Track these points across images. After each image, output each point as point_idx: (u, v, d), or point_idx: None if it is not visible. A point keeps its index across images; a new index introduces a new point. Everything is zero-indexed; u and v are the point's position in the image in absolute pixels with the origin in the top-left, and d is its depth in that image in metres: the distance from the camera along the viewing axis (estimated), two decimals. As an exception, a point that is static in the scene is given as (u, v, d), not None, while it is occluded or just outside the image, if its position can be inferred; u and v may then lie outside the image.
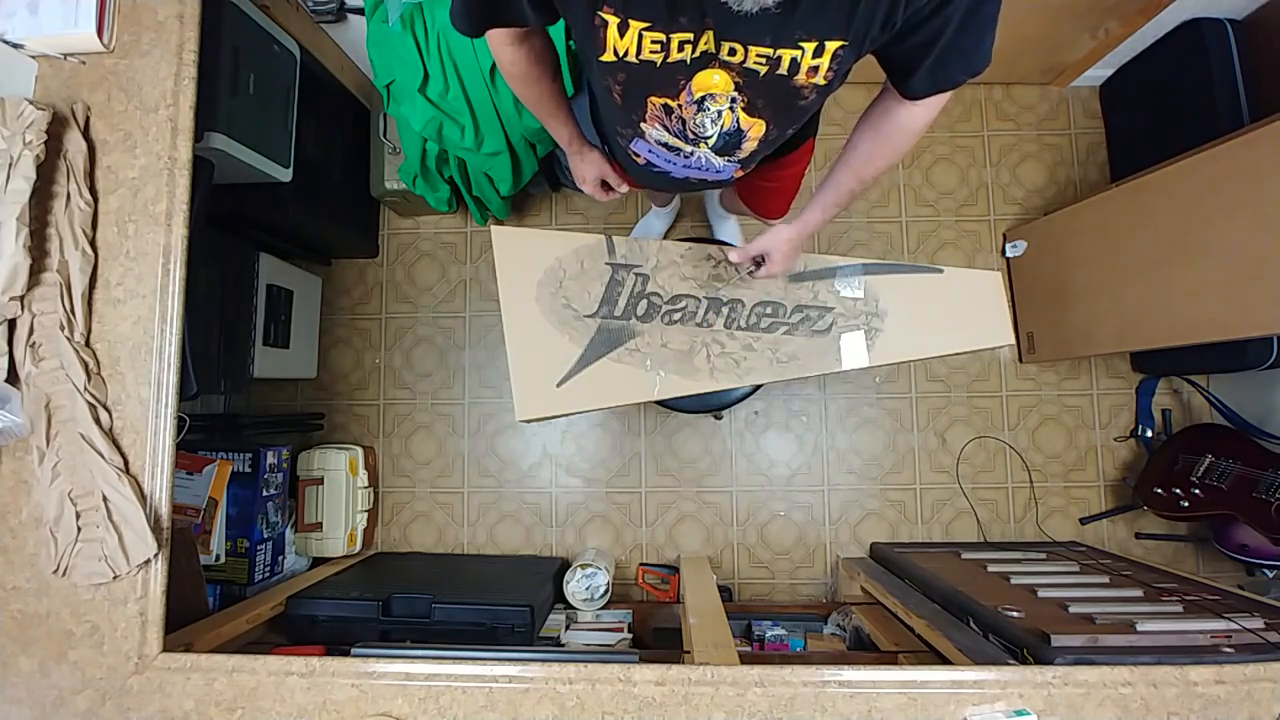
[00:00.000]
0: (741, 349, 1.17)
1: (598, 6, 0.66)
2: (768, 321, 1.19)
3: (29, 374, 0.97)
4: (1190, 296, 1.41)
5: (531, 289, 1.13)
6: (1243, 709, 0.88)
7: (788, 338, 1.19)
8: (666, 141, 0.88)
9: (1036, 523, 1.94)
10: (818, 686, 0.90)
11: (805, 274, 1.22)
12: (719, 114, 0.80)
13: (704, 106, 0.79)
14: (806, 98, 0.77)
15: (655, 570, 1.94)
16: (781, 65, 0.70)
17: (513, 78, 0.92)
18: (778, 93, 0.76)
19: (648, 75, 0.73)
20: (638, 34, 0.67)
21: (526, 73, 0.90)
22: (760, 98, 0.77)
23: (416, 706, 0.93)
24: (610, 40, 0.69)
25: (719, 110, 0.80)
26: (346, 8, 1.68)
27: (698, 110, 0.79)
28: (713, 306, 1.18)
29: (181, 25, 1.06)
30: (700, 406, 1.47)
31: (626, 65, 0.72)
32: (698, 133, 0.84)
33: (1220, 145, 1.34)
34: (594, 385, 1.11)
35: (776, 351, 1.18)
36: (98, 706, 0.95)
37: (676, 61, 0.71)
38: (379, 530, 2.04)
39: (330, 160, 1.80)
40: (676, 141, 0.88)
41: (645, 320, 1.15)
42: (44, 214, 1.00)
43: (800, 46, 0.68)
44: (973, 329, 1.22)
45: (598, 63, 0.73)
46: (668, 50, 0.69)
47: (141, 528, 0.95)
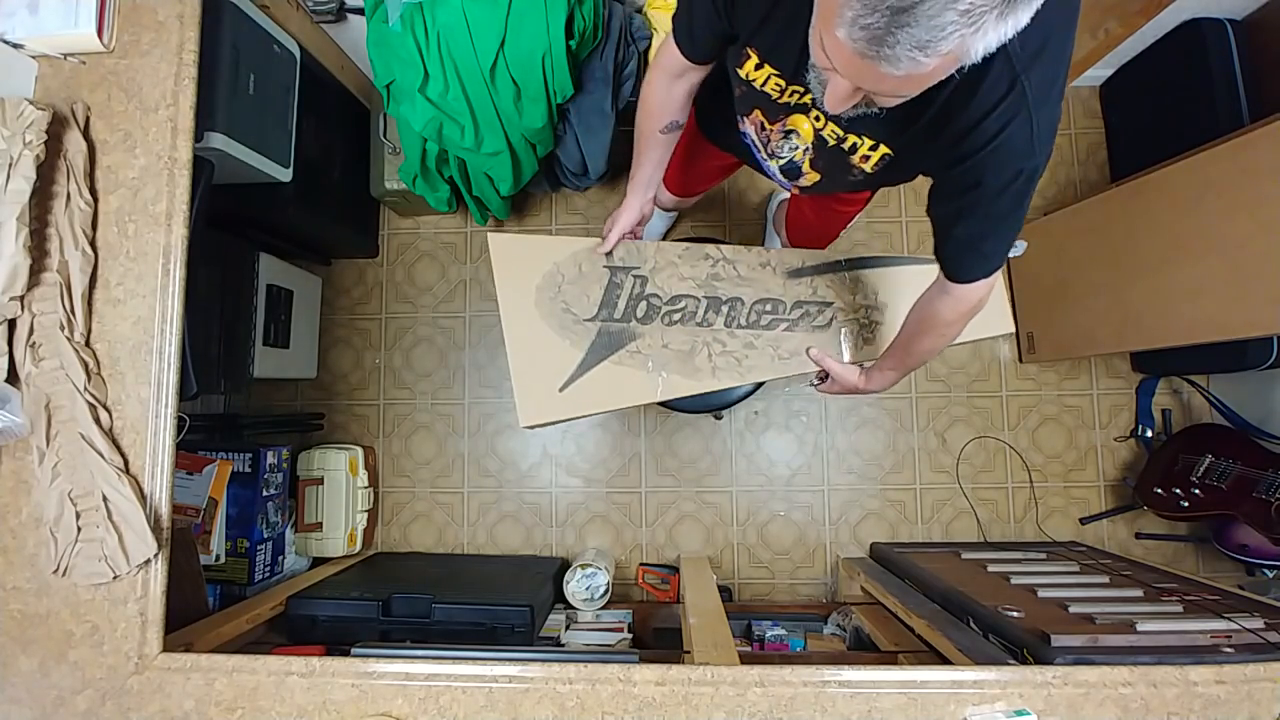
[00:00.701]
0: (743, 347, 1.17)
1: (749, 43, 0.86)
2: (768, 319, 1.19)
3: (29, 374, 0.97)
4: (1190, 296, 1.41)
5: (530, 295, 1.12)
6: (1243, 709, 0.88)
7: (788, 334, 1.19)
8: (753, 141, 1.06)
9: (1036, 523, 1.94)
10: (818, 686, 0.90)
11: (804, 269, 1.22)
12: (795, 148, 0.98)
13: (788, 136, 0.96)
14: (856, 176, 0.94)
15: (655, 570, 1.94)
16: (845, 143, 0.89)
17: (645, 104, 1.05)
18: (837, 162, 0.94)
19: (762, 100, 0.93)
20: (767, 74, 0.87)
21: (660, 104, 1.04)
22: (822, 159, 0.96)
23: (416, 706, 0.93)
24: (747, 67, 0.89)
25: (797, 146, 0.97)
26: (346, 8, 1.68)
27: (783, 137, 0.97)
28: (712, 305, 1.18)
29: (181, 25, 1.06)
30: (700, 407, 1.47)
31: (750, 86, 0.91)
32: (775, 151, 1.02)
33: (1220, 145, 1.34)
34: (596, 389, 1.11)
35: (778, 349, 1.18)
36: (98, 706, 0.95)
37: (785, 102, 0.90)
38: (379, 530, 2.04)
39: (330, 160, 1.80)
40: (759, 147, 1.05)
41: (645, 322, 1.15)
42: (44, 214, 1.00)
43: (861, 138, 0.87)
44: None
45: (734, 71, 0.93)
46: (783, 93, 0.88)
47: (141, 528, 0.95)
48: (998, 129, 0.72)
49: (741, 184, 2.08)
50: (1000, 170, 0.75)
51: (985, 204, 0.79)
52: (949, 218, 0.85)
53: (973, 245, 0.86)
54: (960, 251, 0.87)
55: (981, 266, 0.88)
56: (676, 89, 1.02)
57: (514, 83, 1.46)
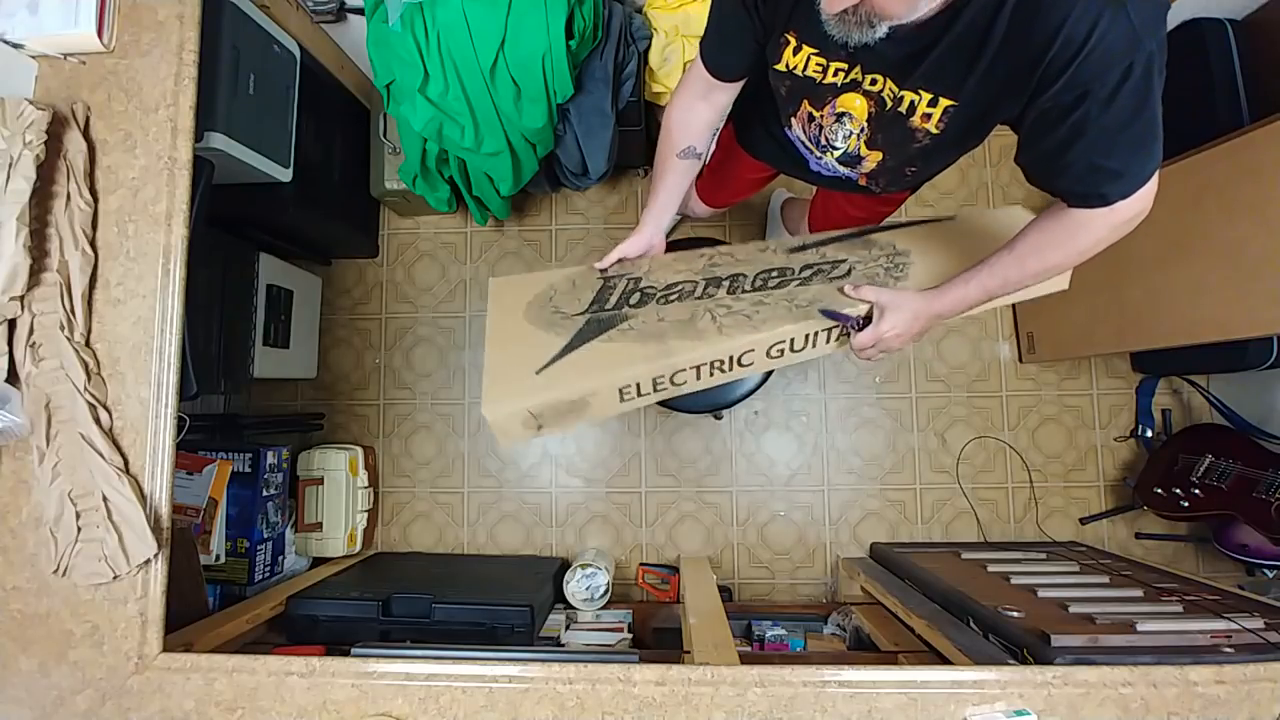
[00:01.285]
0: (751, 305, 1.00)
1: (785, 30, 0.84)
2: (776, 281, 1.04)
3: (29, 374, 0.97)
4: (1190, 296, 1.41)
5: (520, 309, 1.06)
6: (1243, 709, 0.88)
7: (803, 288, 1.02)
8: (803, 140, 1.02)
9: (1036, 523, 1.94)
10: (818, 686, 0.90)
11: (807, 244, 1.12)
12: (849, 134, 0.93)
13: (840, 120, 0.92)
14: (920, 141, 0.87)
15: (655, 570, 1.94)
16: (903, 104, 0.83)
17: (665, 125, 1.02)
18: (897, 129, 0.87)
19: (807, 87, 0.89)
20: (807, 56, 0.84)
21: (680, 125, 1.01)
22: (881, 133, 0.90)
23: (416, 706, 0.93)
24: (785, 55, 0.86)
25: (849, 131, 0.93)
26: (346, 8, 1.68)
27: (835, 121, 0.92)
28: (712, 283, 1.05)
29: (181, 25, 1.06)
30: (700, 406, 1.47)
31: (793, 76, 0.88)
32: (829, 140, 0.97)
33: (1220, 145, 1.34)
34: (582, 366, 0.95)
35: (793, 300, 0.99)
36: (98, 706, 0.95)
37: (830, 83, 0.86)
38: (379, 530, 2.04)
39: (330, 160, 1.80)
40: (809, 144, 1.02)
41: (639, 306, 1.03)
42: (44, 214, 1.00)
43: (919, 93, 0.80)
44: None
45: (772, 70, 0.90)
46: (826, 73, 0.85)
47: (141, 528, 0.95)
48: (1085, 33, 0.62)
49: (741, 184, 2.08)
50: (1105, 75, 0.64)
51: (1096, 118, 0.67)
52: (1055, 151, 0.73)
53: (1096, 168, 0.72)
54: (1084, 178, 0.73)
55: (1118, 186, 0.73)
56: (699, 111, 1.00)
57: (514, 83, 1.46)
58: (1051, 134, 0.73)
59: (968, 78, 0.75)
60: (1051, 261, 0.83)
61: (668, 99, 1.73)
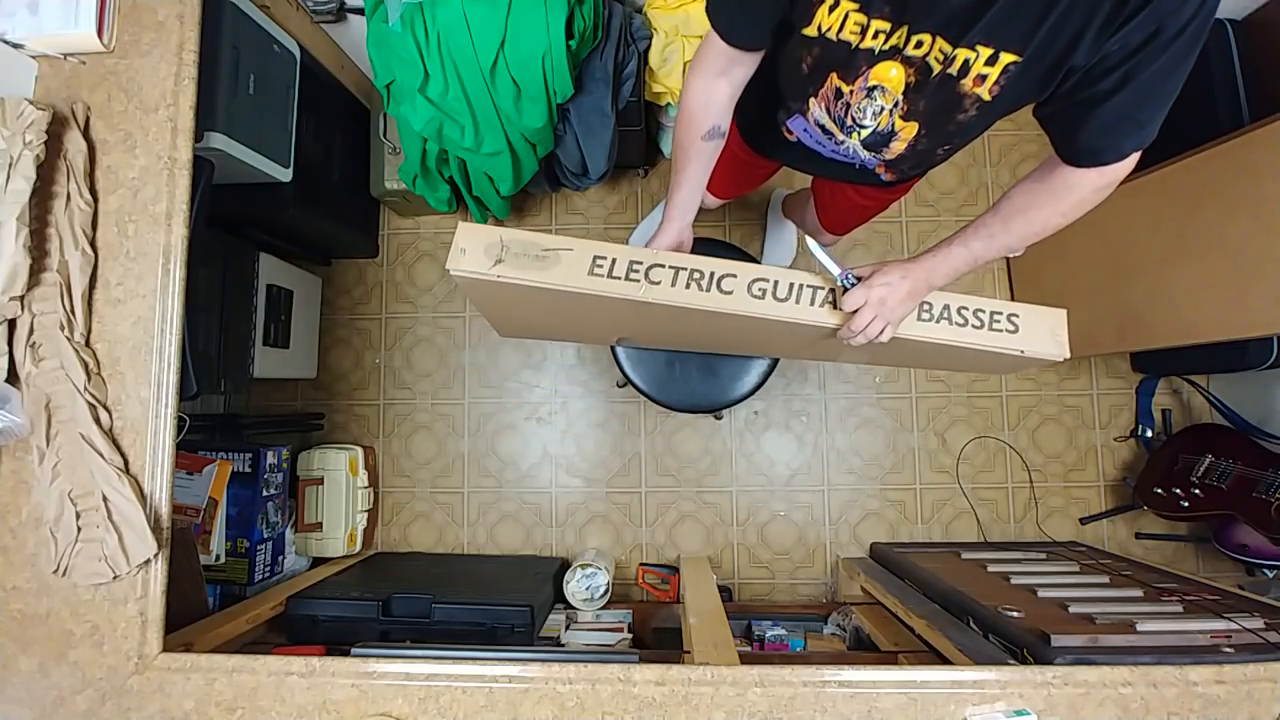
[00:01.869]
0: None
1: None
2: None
3: (29, 374, 0.97)
4: (1190, 296, 1.41)
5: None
6: (1243, 709, 0.88)
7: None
8: (824, 124, 0.91)
9: (1036, 523, 1.94)
10: (818, 686, 0.90)
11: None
12: (881, 110, 0.83)
13: (872, 95, 0.82)
14: (966, 110, 0.78)
15: (655, 570, 1.94)
16: (954, 64, 0.73)
17: (684, 108, 0.93)
18: (943, 97, 0.78)
19: (839, 54, 0.78)
20: (845, 13, 0.74)
21: (701, 106, 0.92)
22: (923, 100, 0.80)
23: (416, 706, 0.93)
24: (819, 16, 0.75)
25: (882, 106, 0.83)
26: (346, 8, 1.68)
27: (865, 97, 0.82)
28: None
29: (181, 25, 1.06)
30: (700, 406, 1.47)
31: (825, 41, 0.77)
32: (856, 120, 0.87)
33: (1220, 145, 1.34)
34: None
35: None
36: (98, 706, 0.95)
37: (868, 48, 0.76)
38: (379, 530, 2.04)
39: (330, 160, 1.80)
40: (832, 126, 0.90)
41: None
42: (44, 214, 1.00)
43: (976, 50, 0.71)
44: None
45: (800, 36, 0.79)
46: (864, 35, 0.75)
47: (141, 528, 0.95)
48: None
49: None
50: (1179, 11, 0.63)
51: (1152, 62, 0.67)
52: (1095, 99, 0.71)
53: (1126, 118, 0.71)
54: (1110, 129, 0.73)
55: (1134, 140, 0.74)
56: (719, 89, 0.91)
57: (514, 83, 1.46)
58: (1101, 81, 0.69)
59: (1040, 25, 0.67)
60: (1035, 223, 0.85)
61: (668, 99, 1.75)
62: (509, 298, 1.01)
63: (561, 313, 1.10)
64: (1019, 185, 0.86)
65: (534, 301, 1.01)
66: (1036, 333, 0.98)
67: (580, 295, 0.92)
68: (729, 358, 1.45)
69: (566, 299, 0.95)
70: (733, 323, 0.99)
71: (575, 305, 1.01)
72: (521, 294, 0.96)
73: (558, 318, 1.15)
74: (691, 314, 0.95)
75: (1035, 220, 0.85)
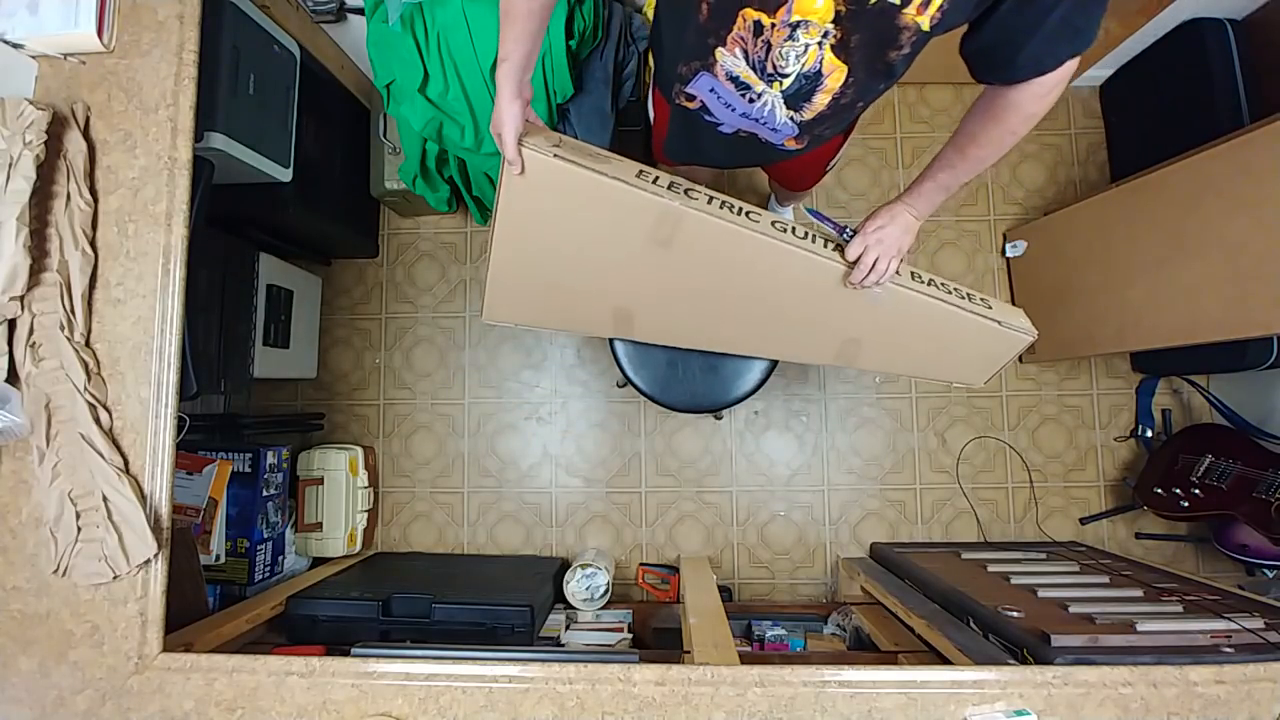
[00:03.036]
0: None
1: None
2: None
3: (29, 374, 0.97)
4: (1190, 296, 1.41)
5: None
6: (1243, 709, 0.88)
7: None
8: (738, 75, 0.83)
9: (1036, 523, 1.94)
10: (818, 686, 0.90)
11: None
12: (805, 49, 0.76)
13: (794, 35, 0.75)
14: (901, 46, 0.74)
15: (655, 570, 1.94)
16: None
17: None
18: (878, 29, 0.72)
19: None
20: None
21: None
22: (857, 32, 0.74)
23: (416, 706, 0.93)
24: None
25: (807, 44, 0.76)
26: (346, 8, 1.68)
27: (788, 37, 0.75)
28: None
29: (181, 25, 1.06)
30: (701, 406, 1.47)
31: None
32: (778, 67, 0.79)
33: (1220, 145, 1.34)
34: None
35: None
36: (98, 706, 0.95)
37: None
38: (379, 530, 2.04)
39: (330, 160, 1.80)
40: (749, 76, 0.82)
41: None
42: (44, 214, 1.00)
43: None
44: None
45: None
46: None
47: (141, 528, 0.95)
48: None
49: (740, 185, 2.08)
50: None
51: None
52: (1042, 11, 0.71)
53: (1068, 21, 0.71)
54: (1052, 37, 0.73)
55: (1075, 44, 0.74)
56: None
57: (514, 83, 1.46)
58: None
59: None
60: (988, 146, 0.89)
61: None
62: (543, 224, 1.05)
63: (582, 264, 1.11)
64: (968, 116, 0.90)
65: (566, 232, 1.05)
66: (1006, 314, 1.10)
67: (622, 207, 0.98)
68: (730, 357, 1.45)
69: (599, 233, 1.03)
70: (747, 281, 1.07)
71: (602, 245, 1.06)
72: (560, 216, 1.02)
73: (574, 273, 1.14)
74: (712, 266, 1.04)
75: (988, 144, 0.89)
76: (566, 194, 0.98)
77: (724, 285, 1.10)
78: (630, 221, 1.00)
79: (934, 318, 1.09)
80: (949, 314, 1.07)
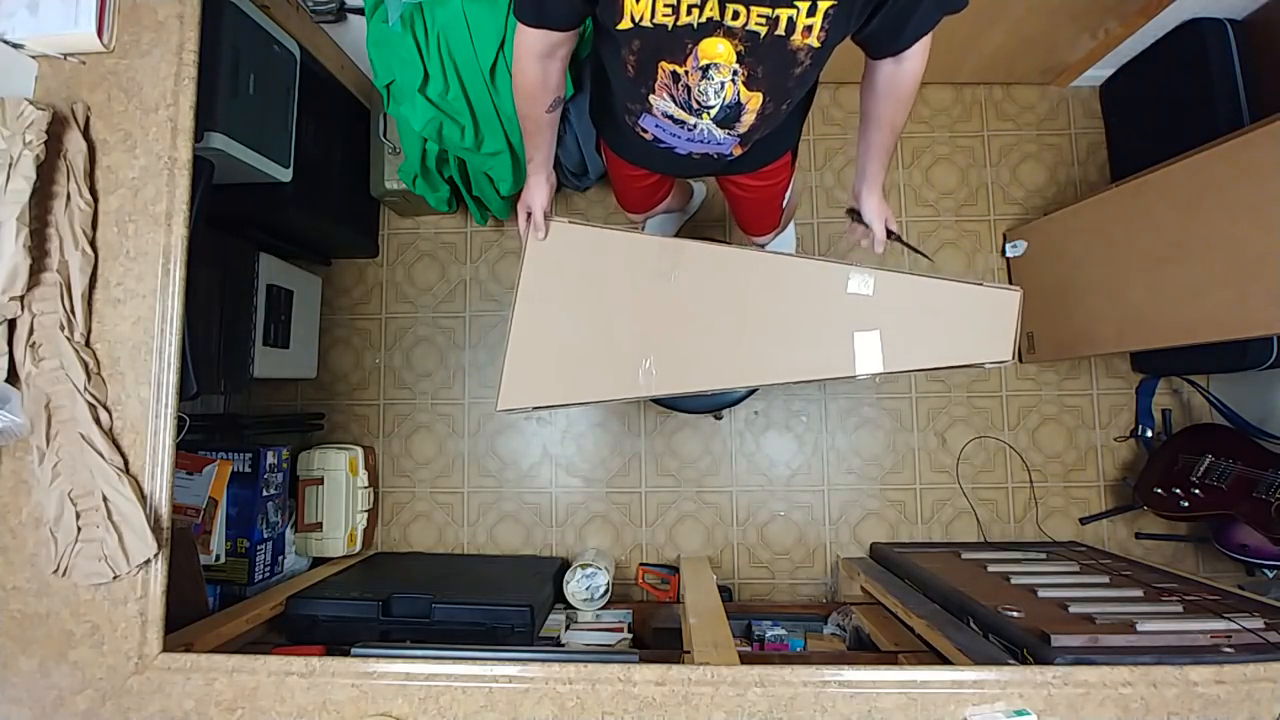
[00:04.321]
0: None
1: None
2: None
3: (29, 374, 0.97)
4: (1190, 296, 1.41)
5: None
6: (1243, 709, 0.88)
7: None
8: (672, 114, 0.95)
9: (1036, 523, 1.94)
10: (818, 686, 0.90)
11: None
12: (722, 85, 0.87)
13: (708, 75, 0.85)
14: (802, 63, 0.84)
15: (655, 570, 1.94)
16: (779, 25, 0.77)
17: (524, 91, 1.00)
18: (776, 57, 0.82)
19: (659, 39, 0.81)
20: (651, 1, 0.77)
21: (540, 87, 0.99)
22: (760, 65, 0.84)
23: (416, 706, 0.93)
24: (628, 6, 0.78)
25: (722, 81, 0.86)
26: (346, 8, 1.68)
27: (702, 78, 0.86)
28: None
29: (181, 25, 1.06)
30: (701, 407, 1.47)
31: (641, 31, 0.80)
32: (701, 102, 0.90)
33: (1220, 145, 1.34)
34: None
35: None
36: (98, 706, 0.95)
37: (685, 25, 0.78)
38: (379, 530, 2.04)
39: (330, 160, 1.80)
40: (681, 113, 0.94)
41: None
42: (44, 214, 1.00)
43: (795, 6, 0.75)
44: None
45: (616, 33, 0.82)
46: (678, 13, 0.77)
47: (141, 528, 0.95)
48: None
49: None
50: None
51: None
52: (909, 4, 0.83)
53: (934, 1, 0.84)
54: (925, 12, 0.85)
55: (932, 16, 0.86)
56: (551, 68, 0.97)
57: (514, 83, 1.46)
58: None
59: None
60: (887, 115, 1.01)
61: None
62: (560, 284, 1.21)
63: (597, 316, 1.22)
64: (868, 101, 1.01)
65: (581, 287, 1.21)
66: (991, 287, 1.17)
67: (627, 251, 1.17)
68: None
69: (611, 278, 1.18)
70: (748, 297, 1.15)
71: (614, 290, 1.20)
72: (575, 273, 1.20)
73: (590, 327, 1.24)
74: (715, 289, 1.15)
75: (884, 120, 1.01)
76: (579, 250, 1.19)
77: (729, 306, 1.16)
78: (637, 261, 1.17)
79: (922, 292, 1.17)
80: (933, 285, 1.15)
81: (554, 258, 1.20)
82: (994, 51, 1.88)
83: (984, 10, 1.69)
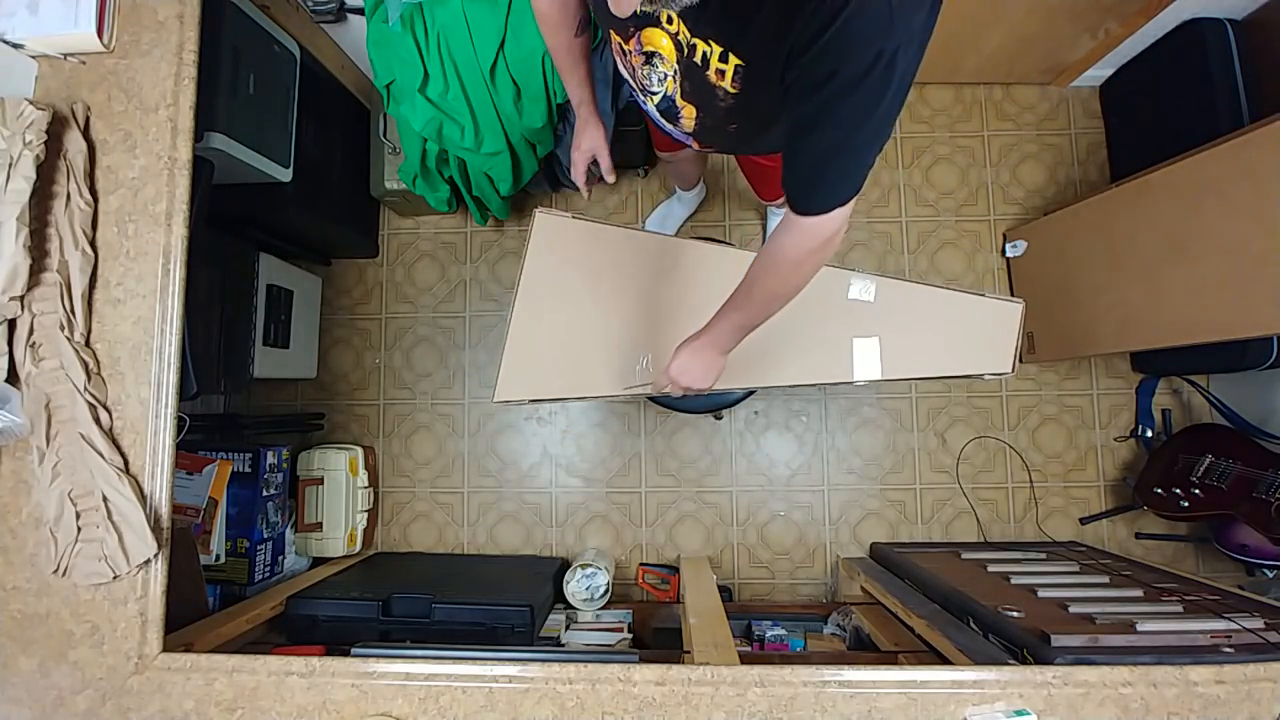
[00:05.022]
0: None
1: None
2: None
3: (29, 374, 0.97)
4: (1190, 296, 1.41)
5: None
6: (1243, 709, 0.88)
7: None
8: (625, 80, 0.92)
9: (1036, 523, 1.94)
10: (818, 686, 0.90)
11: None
12: (664, 77, 0.82)
13: (652, 63, 0.81)
14: (723, 100, 0.78)
15: (655, 570, 1.94)
16: (696, 53, 0.74)
17: (544, 19, 0.96)
18: (699, 81, 0.78)
19: (603, 9, 0.73)
20: None
21: (558, 17, 0.94)
22: (688, 80, 0.80)
23: (416, 706, 0.93)
24: None
25: (665, 74, 0.82)
26: (346, 8, 1.68)
27: (645, 62, 0.81)
28: None
29: (181, 25, 1.06)
30: (701, 407, 1.47)
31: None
32: (645, 85, 0.86)
33: (1220, 145, 1.34)
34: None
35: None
36: (98, 706, 0.95)
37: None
38: (379, 530, 2.04)
39: (330, 160, 1.80)
40: (632, 81, 0.90)
41: None
42: (44, 214, 1.00)
43: (710, 44, 0.72)
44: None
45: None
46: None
47: (141, 528, 0.95)
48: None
49: (741, 184, 2.08)
50: (855, 52, 0.61)
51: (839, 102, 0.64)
52: (798, 131, 0.70)
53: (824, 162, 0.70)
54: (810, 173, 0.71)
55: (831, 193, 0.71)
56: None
57: (514, 83, 1.46)
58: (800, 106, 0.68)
59: (747, 32, 0.67)
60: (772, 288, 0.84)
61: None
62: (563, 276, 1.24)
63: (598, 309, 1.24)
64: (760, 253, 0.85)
65: (582, 280, 1.23)
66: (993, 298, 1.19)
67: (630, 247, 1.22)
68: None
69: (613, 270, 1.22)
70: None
71: (616, 284, 1.22)
72: (577, 265, 1.22)
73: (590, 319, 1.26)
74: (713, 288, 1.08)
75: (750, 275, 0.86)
76: (581, 246, 1.21)
77: None
78: (638, 259, 1.19)
79: (921, 302, 1.17)
80: (934, 295, 1.15)
81: (556, 253, 1.21)
82: (994, 51, 1.88)
83: (984, 10, 1.69)
